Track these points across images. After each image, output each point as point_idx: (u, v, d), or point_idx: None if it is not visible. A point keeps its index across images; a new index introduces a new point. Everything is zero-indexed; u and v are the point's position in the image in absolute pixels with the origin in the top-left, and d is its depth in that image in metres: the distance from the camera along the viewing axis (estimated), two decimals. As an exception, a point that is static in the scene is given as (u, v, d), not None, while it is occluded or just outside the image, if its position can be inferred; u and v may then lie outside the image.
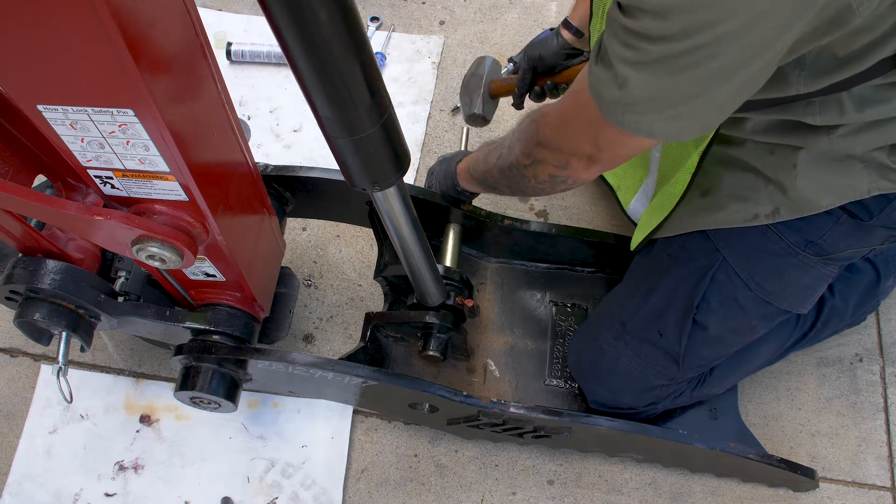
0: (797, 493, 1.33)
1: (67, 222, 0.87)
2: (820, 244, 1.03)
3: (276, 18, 0.65)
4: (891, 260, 1.28)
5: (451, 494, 1.33)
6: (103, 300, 1.06)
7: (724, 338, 1.15)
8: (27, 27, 0.60)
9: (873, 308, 1.36)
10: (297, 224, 1.56)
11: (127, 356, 1.42)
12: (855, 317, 1.33)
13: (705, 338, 1.14)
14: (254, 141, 1.66)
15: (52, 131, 0.74)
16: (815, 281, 1.09)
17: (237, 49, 1.72)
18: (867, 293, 1.29)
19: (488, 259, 1.46)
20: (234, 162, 0.95)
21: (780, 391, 1.41)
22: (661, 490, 1.33)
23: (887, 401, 1.41)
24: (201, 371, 1.13)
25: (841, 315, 1.29)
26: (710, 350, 1.17)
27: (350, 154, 0.82)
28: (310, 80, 0.71)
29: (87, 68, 0.65)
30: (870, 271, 1.28)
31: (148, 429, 1.36)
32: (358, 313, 1.47)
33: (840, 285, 1.27)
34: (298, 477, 1.33)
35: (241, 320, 1.14)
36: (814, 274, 1.07)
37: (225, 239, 0.93)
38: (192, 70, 0.78)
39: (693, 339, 1.14)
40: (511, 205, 1.59)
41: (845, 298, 1.27)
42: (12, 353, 1.42)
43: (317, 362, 1.13)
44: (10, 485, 1.30)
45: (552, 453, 1.36)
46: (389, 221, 1.03)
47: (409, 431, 1.38)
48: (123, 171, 0.81)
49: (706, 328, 1.13)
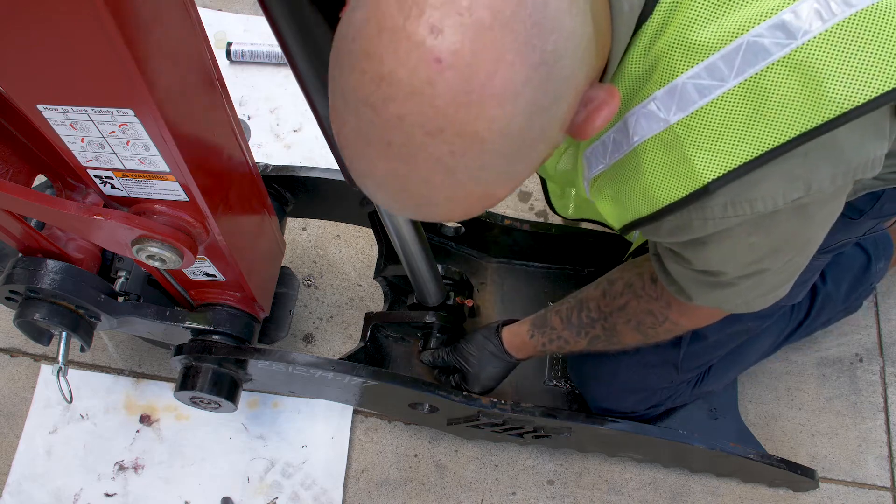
0: (797, 493, 1.33)
1: (67, 222, 0.87)
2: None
3: (276, 18, 0.65)
4: (880, 243, 1.29)
5: (451, 494, 1.33)
6: (103, 300, 1.06)
7: (721, 341, 1.16)
8: (27, 27, 0.60)
9: (867, 293, 1.35)
10: (297, 224, 1.56)
11: (127, 356, 1.42)
12: (848, 303, 1.32)
13: (704, 344, 1.15)
14: (254, 141, 1.66)
15: (52, 131, 0.74)
16: (809, 274, 1.09)
17: (237, 49, 1.72)
18: (859, 278, 1.29)
19: (488, 259, 1.46)
20: (234, 162, 0.95)
21: (780, 391, 1.41)
22: (661, 490, 1.33)
23: (887, 401, 1.40)
24: (201, 371, 1.13)
25: (834, 302, 1.29)
26: (708, 354, 1.18)
27: (350, 154, 0.82)
28: (310, 80, 0.72)
29: (87, 68, 0.65)
30: (860, 256, 1.29)
31: (148, 429, 1.36)
32: (358, 313, 1.47)
33: (831, 271, 1.27)
34: (298, 477, 1.33)
35: (241, 320, 1.14)
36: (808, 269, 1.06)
37: (225, 239, 0.93)
38: (192, 70, 0.78)
39: (692, 346, 1.15)
40: (511, 205, 1.59)
41: (837, 285, 1.28)
42: (12, 353, 1.42)
43: (317, 362, 1.13)
44: (10, 485, 1.30)
45: (552, 453, 1.36)
46: (389, 221, 1.03)
47: (409, 431, 1.38)
48: (123, 171, 0.81)
49: (705, 336, 1.14)
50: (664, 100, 0.64)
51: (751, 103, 0.61)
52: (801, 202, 0.66)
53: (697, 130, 0.64)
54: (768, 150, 0.62)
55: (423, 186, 0.57)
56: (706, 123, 0.63)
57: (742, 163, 0.63)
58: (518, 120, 0.53)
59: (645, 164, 0.68)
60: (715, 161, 0.64)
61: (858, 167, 0.65)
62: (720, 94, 0.62)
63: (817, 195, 0.66)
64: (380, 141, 0.54)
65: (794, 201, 0.66)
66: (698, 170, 0.64)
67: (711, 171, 0.64)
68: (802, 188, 0.65)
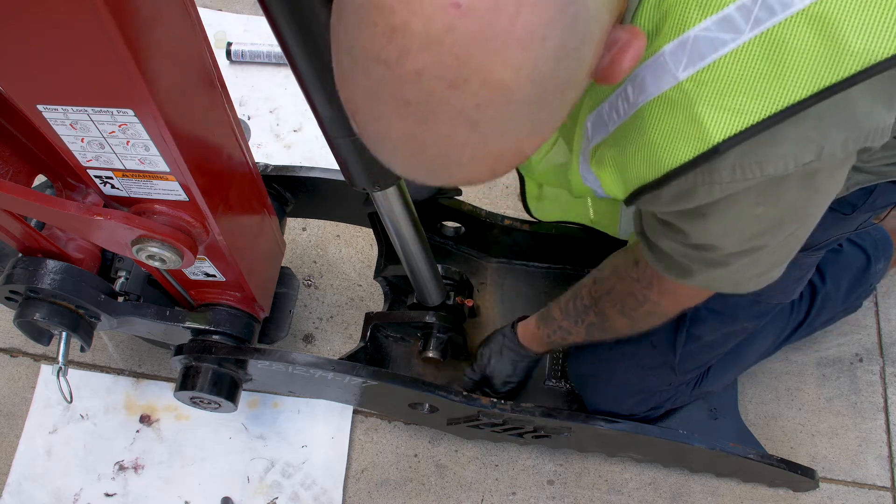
0: (797, 493, 1.33)
1: (67, 222, 0.87)
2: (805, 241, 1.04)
3: (276, 18, 0.65)
4: (880, 244, 1.28)
5: (451, 494, 1.33)
6: (103, 300, 1.06)
7: (718, 342, 1.16)
8: (27, 27, 0.60)
9: (867, 293, 1.35)
10: (297, 224, 1.56)
11: (127, 356, 1.42)
12: (848, 303, 1.32)
13: (700, 345, 1.15)
14: (254, 141, 1.66)
15: (52, 131, 0.75)
16: (804, 271, 1.08)
17: (237, 49, 1.72)
18: (858, 278, 1.29)
19: (488, 259, 1.46)
20: (234, 162, 0.95)
21: (780, 391, 1.41)
22: (661, 490, 1.33)
23: (887, 401, 1.40)
24: (201, 371, 1.13)
25: (833, 302, 1.28)
26: (705, 354, 1.18)
27: (350, 154, 0.82)
28: (310, 80, 0.72)
29: (87, 68, 0.65)
30: (860, 256, 1.28)
31: (148, 429, 1.36)
32: (358, 313, 1.47)
33: (831, 271, 1.26)
34: (298, 477, 1.33)
35: (241, 320, 1.14)
36: (802, 266, 1.06)
37: (225, 239, 0.93)
38: (192, 70, 0.78)
39: (687, 347, 1.15)
40: (511, 205, 1.59)
41: (837, 285, 1.27)
42: (12, 353, 1.42)
43: (317, 362, 1.13)
44: (10, 485, 1.30)
45: (552, 453, 1.36)
46: (389, 221, 1.03)
47: (409, 431, 1.38)
48: (123, 171, 0.81)
49: (700, 337, 1.13)
50: (674, 53, 0.61)
51: (767, 58, 0.58)
52: (811, 168, 0.64)
53: (708, 87, 0.60)
54: (784, 107, 0.59)
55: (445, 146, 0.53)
56: (718, 79, 0.60)
57: (755, 121, 0.59)
58: (546, 65, 0.50)
59: (650, 127, 0.65)
60: (726, 120, 0.60)
61: (869, 133, 0.62)
62: (734, 48, 0.58)
63: (828, 160, 0.63)
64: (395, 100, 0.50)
65: (805, 165, 0.63)
66: (708, 129, 0.61)
67: (722, 131, 0.61)
68: (815, 151, 0.62)
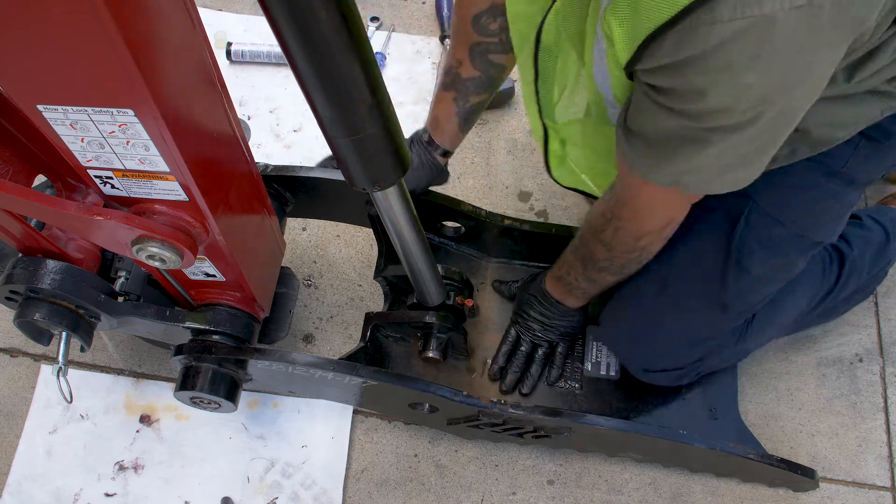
0: (797, 493, 1.33)
1: (67, 222, 0.87)
2: (845, 172, 1.06)
3: (276, 18, 0.65)
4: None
5: (451, 494, 1.33)
6: (103, 300, 1.06)
7: (765, 277, 1.16)
8: (27, 27, 0.60)
9: (883, 271, 1.38)
10: (297, 224, 1.56)
11: (127, 356, 1.42)
12: (870, 275, 1.35)
13: (749, 280, 1.15)
14: (254, 141, 1.66)
15: (52, 131, 0.74)
16: (845, 208, 1.12)
17: (237, 49, 1.72)
18: (880, 251, 1.33)
19: (488, 259, 1.46)
20: (235, 162, 0.95)
21: (780, 391, 1.41)
22: (661, 490, 1.33)
23: (887, 401, 1.41)
24: (201, 371, 1.13)
25: (859, 271, 1.31)
26: (754, 293, 1.17)
27: (350, 154, 0.82)
28: (310, 79, 0.72)
29: (87, 68, 0.65)
30: (880, 231, 1.33)
31: (148, 429, 1.36)
32: (358, 313, 1.47)
33: (856, 241, 1.31)
34: (298, 477, 1.33)
35: (241, 320, 1.14)
36: (843, 201, 1.11)
37: (225, 239, 0.93)
38: (192, 70, 0.78)
39: (738, 283, 1.15)
40: (511, 205, 1.59)
41: (862, 253, 1.31)
42: (12, 353, 1.42)
43: (317, 362, 1.13)
44: (10, 485, 1.30)
45: (552, 453, 1.36)
46: (389, 221, 1.03)
47: (409, 431, 1.38)
48: (123, 171, 0.81)
49: (749, 271, 1.13)
50: None
51: None
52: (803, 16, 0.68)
53: None
54: None
55: None
56: None
57: None
58: None
59: None
60: None
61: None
62: None
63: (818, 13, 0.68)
64: None
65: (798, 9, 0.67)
66: None
67: None
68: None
